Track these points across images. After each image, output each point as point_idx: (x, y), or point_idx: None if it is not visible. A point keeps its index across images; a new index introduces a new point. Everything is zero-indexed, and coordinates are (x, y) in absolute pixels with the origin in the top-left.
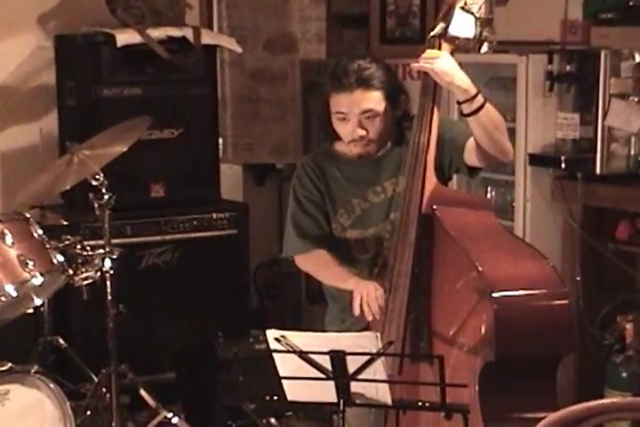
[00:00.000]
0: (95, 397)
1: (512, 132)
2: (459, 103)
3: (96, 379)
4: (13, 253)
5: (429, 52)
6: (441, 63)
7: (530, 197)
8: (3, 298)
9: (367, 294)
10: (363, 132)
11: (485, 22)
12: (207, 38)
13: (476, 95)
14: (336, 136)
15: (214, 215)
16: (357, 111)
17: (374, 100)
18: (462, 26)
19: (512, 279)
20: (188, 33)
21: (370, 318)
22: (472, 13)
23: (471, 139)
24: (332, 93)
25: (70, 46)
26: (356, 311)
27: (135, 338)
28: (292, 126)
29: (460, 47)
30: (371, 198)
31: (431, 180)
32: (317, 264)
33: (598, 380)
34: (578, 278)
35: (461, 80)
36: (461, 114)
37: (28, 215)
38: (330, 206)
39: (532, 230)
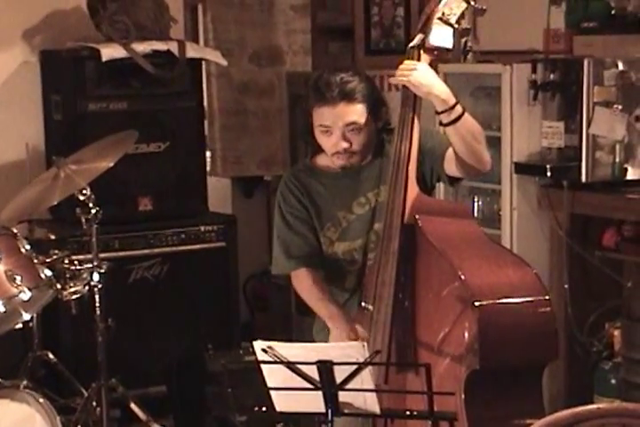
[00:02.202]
0: (85, 411)
1: (497, 141)
2: (437, 113)
3: (86, 393)
4: (1, 268)
5: (406, 64)
6: (417, 75)
7: (516, 205)
8: None
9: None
10: (346, 145)
11: (464, 32)
12: (192, 52)
13: (454, 105)
14: (318, 149)
15: (202, 228)
16: (341, 124)
17: (357, 113)
18: (441, 36)
19: (495, 287)
20: (173, 47)
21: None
22: (450, 24)
23: (450, 149)
24: (314, 106)
25: (55, 61)
26: None
27: (125, 352)
28: (280, 138)
29: (439, 57)
30: (355, 210)
31: (413, 189)
32: (302, 287)
33: (587, 387)
34: (566, 286)
35: (439, 90)
36: (440, 124)
37: (15, 230)
38: (317, 221)
39: (518, 239)
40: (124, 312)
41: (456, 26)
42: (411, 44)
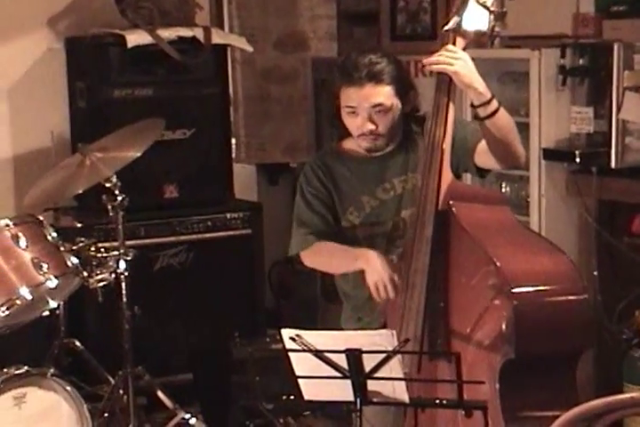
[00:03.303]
0: (112, 399)
1: (525, 127)
2: (473, 106)
3: (113, 381)
4: (27, 256)
5: (448, 50)
6: (462, 64)
7: (544, 191)
8: (18, 301)
9: (379, 273)
10: (372, 127)
11: (499, 16)
12: (217, 38)
13: (491, 99)
14: (344, 133)
15: (228, 215)
16: (367, 105)
17: (384, 94)
18: (476, 19)
19: (530, 275)
20: (199, 33)
21: (392, 295)
22: (486, 7)
23: (483, 141)
24: (342, 87)
25: (80, 48)
26: (373, 291)
27: (151, 339)
28: (304, 125)
29: (473, 41)
30: (380, 195)
31: (447, 175)
32: (321, 254)
33: (617, 375)
34: (595, 273)
35: (479, 82)
36: (475, 117)
37: (41, 218)
38: (339, 204)
39: (547, 225)
40: (149, 300)
41: (492, 9)
42: (446, 28)
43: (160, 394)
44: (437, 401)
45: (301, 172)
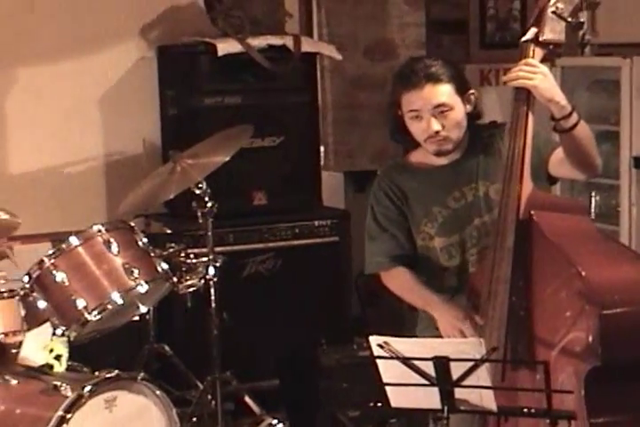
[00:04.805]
0: (200, 404)
1: (616, 136)
2: (554, 119)
3: (201, 386)
4: (119, 261)
5: (527, 64)
6: (542, 78)
7: (635, 200)
8: (109, 306)
9: (452, 325)
10: (438, 127)
11: (577, 26)
12: (307, 46)
13: (571, 112)
14: (409, 146)
15: (316, 223)
16: (430, 107)
17: (445, 93)
18: (554, 30)
19: (616, 283)
20: (288, 41)
21: None
22: (563, 18)
23: (557, 151)
24: (402, 94)
25: (171, 56)
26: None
27: (238, 345)
28: None
29: (551, 52)
30: (451, 205)
31: (527, 184)
32: (401, 286)
33: None
34: None
35: (560, 96)
36: (555, 130)
37: (132, 224)
38: (411, 218)
39: (637, 235)
40: (237, 306)
41: (569, 19)
42: (524, 39)
43: (247, 399)
44: (525, 410)
45: (370, 192)
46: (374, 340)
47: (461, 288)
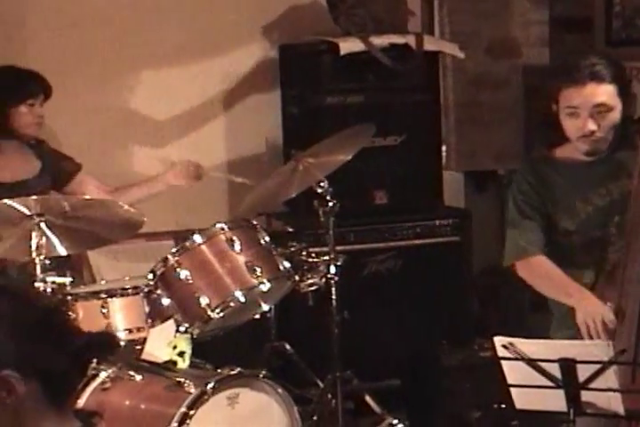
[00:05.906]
0: (321, 402)
1: None
2: None
3: (322, 384)
4: (242, 259)
5: None
6: None
7: None
8: (232, 304)
9: (592, 312)
10: (594, 127)
11: None
12: (429, 45)
13: None
14: (556, 139)
15: (437, 222)
16: (589, 105)
17: (607, 94)
18: None
19: None
20: (411, 40)
21: (595, 337)
22: None
23: None
24: (562, 88)
25: (293, 55)
26: (583, 330)
27: (359, 344)
28: (514, 132)
29: None
30: (595, 201)
31: None
32: (538, 274)
33: None
34: None
35: None
36: None
37: (255, 222)
38: (552, 211)
39: None
40: (358, 305)
41: None
42: None
43: (368, 399)
44: None
45: (513, 182)
46: (499, 341)
47: (598, 285)
